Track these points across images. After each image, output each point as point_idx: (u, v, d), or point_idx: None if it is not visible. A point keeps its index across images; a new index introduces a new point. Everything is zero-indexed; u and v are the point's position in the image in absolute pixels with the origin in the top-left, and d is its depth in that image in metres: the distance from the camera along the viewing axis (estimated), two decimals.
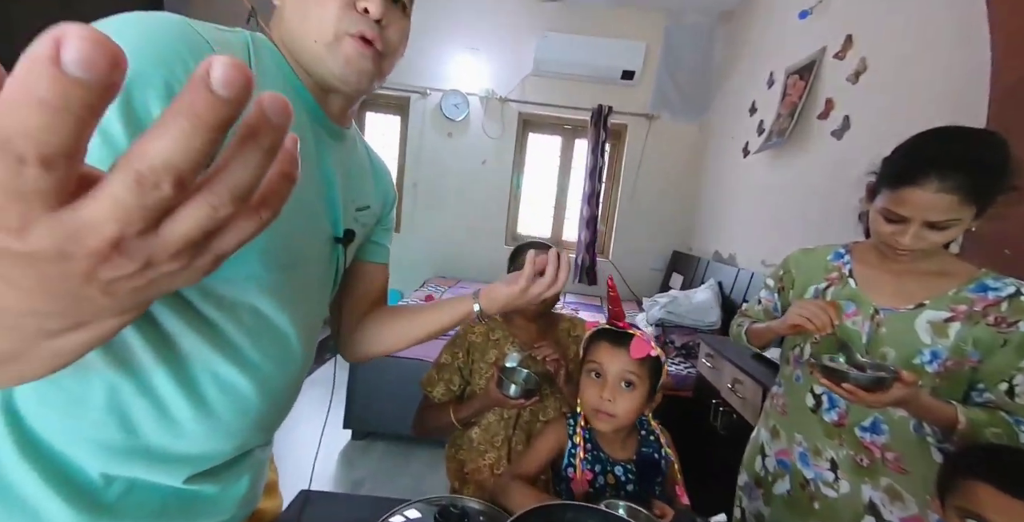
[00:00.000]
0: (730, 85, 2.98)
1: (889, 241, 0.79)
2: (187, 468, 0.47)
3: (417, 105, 3.34)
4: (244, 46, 0.45)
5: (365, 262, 0.70)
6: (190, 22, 0.41)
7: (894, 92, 1.55)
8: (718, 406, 1.65)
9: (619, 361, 0.77)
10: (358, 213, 0.61)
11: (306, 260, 0.53)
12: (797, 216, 2.06)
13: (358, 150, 0.63)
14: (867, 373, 0.71)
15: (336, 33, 0.47)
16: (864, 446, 0.83)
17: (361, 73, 0.49)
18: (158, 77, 0.36)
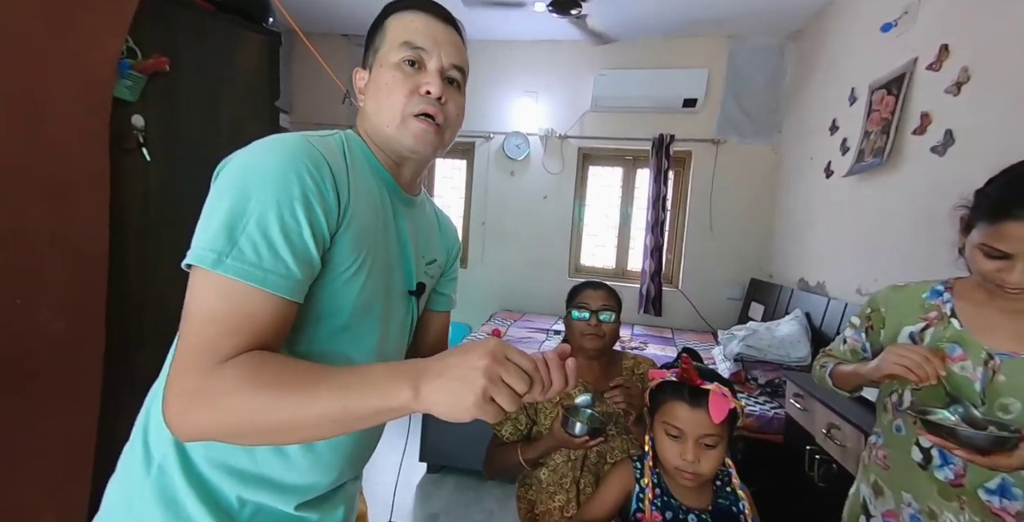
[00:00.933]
0: (804, 104, 2.83)
1: (995, 279, 0.71)
2: (296, 496, 0.56)
3: (481, 149, 3.58)
4: (340, 145, 0.57)
5: (429, 311, 0.77)
6: (308, 138, 0.52)
7: (1005, 100, 1.39)
8: (813, 454, 1.48)
9: (699, 423, 0.75)
10: (427, 267, 0.69)
11: (388, 311, 0.61)
12: (894, 240, 1.85)
13: (427, 211, 0.72)
14: (982, 431, 0.63)
15: (403, 115, 0.57)
16: (993, 512, 0.72)
17: (427, 144, 0.59)
18: (297, 190, 0.48)
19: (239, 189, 0.47)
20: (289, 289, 0.47)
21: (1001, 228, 0.69)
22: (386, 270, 0.59)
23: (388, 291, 0.60)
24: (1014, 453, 0.62)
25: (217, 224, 0.45)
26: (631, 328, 3.16)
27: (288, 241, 0.46)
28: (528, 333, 2.88)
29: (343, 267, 0.53)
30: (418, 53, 0.57)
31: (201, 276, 0.45)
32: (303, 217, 0.47)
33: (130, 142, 1.27)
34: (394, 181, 0.62)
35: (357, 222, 0.54)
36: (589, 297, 1.09)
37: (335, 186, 0.51)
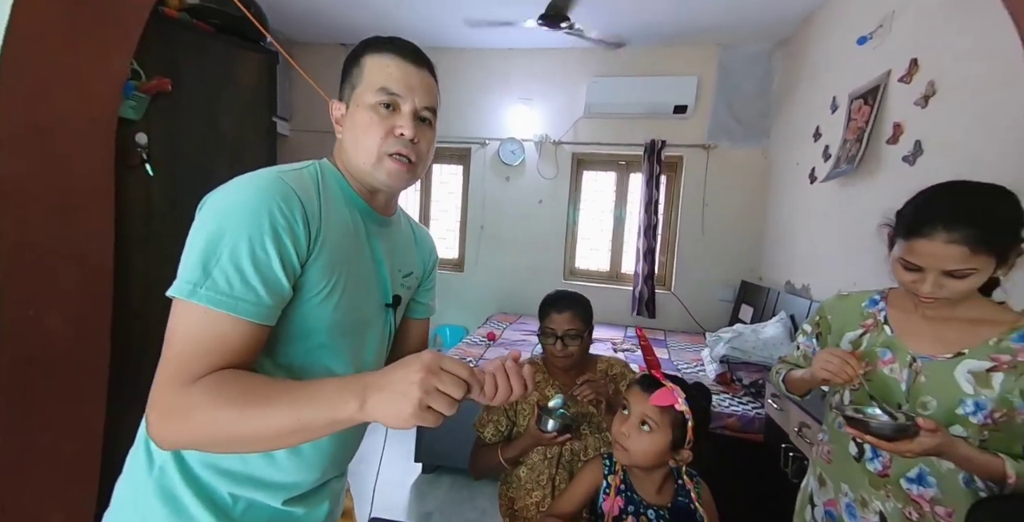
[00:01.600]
0: (791, 111, 2.88)
1: (911, 289, 0.78)
2: (283, 493, 0.62)
3: (477, 154, 3.65)
4: (314, 177, 0.62)
5: (409, 319, 0.83)
6: (281, 175, 0.57)
7: (968, 115, 1.45)
8: (788, 451, 1.54)
9: (642, 403, 0.83)
10: (404, 279, 0.75)
11: (365, 325, 0.67)
12: (871, 245, 1.91)
13: (402, 227, 0.78)
14: (888, 421, 0.70)
15: (379, 155, 0.62)
16: (912, 499, 0.79)
17: (400, 180, 0.64)
18: (267, 225, 0.53)
19: (215, 225, 0.52)
20: (259, 314, 0.52)
21: (913, 245, 0.75)
22: (360, 288, 0.64)
23: (363, 307, 0.66)
24: (915, 440, 0.68)
25: (194, 258, 0.51)
26: (624, 330, 3.22)
27: (258, 271, 0.52)
28: (523, 335, 2.95)
29: (315, 291, 0.58)
30: (393, 98, 0.62)
31: (180, 305, 0.51)
32: (272, 249, 0.52)
33: (134, 159, 1.35)
34: (368, 206, 0.67)
35: (329, 250, 0.59)
36: (554, 322, 1.13)
37: (305, 219, 0.56)
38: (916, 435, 0.68)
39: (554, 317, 1.14)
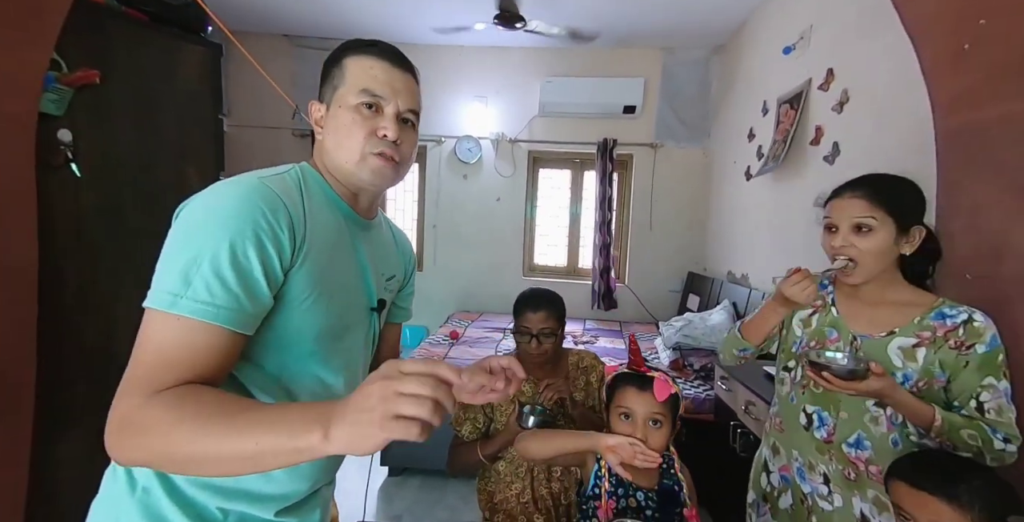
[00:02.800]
0: (728, 113, 3.11)
1: (829, 250, 0.92)
2: (275, 504, 0.61)
3: (433, 152, 3.61)
4: (297, 181, 0.61)
5: (387, 323, 0.82)
6: (264, 181, 0.56)
7: (876, 121, 1.65)
8: (736, 428, 1.69)
9: (646, 404, 0.86)
10: (387, 282, 0.75)
11: (352, 330, 0.66)
12: (799, 236, 2.12)
13: (383, 230, 0.77)
14: (845, 364, 0.81)
15: (362, 154, 0.61)
16: (851, 461, 0.90)
17: (385, 178, 0.64)
18: (250, 230, 0.51)
19: (195, 233, 0.50)
20: (239, 322, 0.50)
21: (830, 206, 0.91)
22: (346, 294, 0.64)
23: (350, 312, 0.65)
24: (864, 381, 0.78)
25: (173, 267, 0.49)
26: (583, 323, 3.34)
27: (240, 279, 0.50)
28: (485, 333, 2.98)
29: (301, 299, 0.57)
30: (376, 100, 0.61)
31: (155, 315, 0.49)
32: (255, 257, 0.51)
33: (57, 158, 1.22)
34: (351, 209, 0.66)
35: (314, 257, 0.58)
36: (530, 321, 1.16)
37: (291, 225, 0.55)
38: (866, 377, 0.78)
39: (529, 316, 1.17)
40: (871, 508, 0.88)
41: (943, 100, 1.04)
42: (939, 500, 0.63)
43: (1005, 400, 0.81)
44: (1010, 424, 0.80)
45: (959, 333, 0.84)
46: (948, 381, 0.85)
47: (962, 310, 0.85)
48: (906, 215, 0.86)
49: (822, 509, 0.93)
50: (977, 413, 0.81)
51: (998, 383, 0.81)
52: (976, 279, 0.95)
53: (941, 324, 0.85)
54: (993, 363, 0.82)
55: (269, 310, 0.55)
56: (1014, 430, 0.80)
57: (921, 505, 0.65)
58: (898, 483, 0.68)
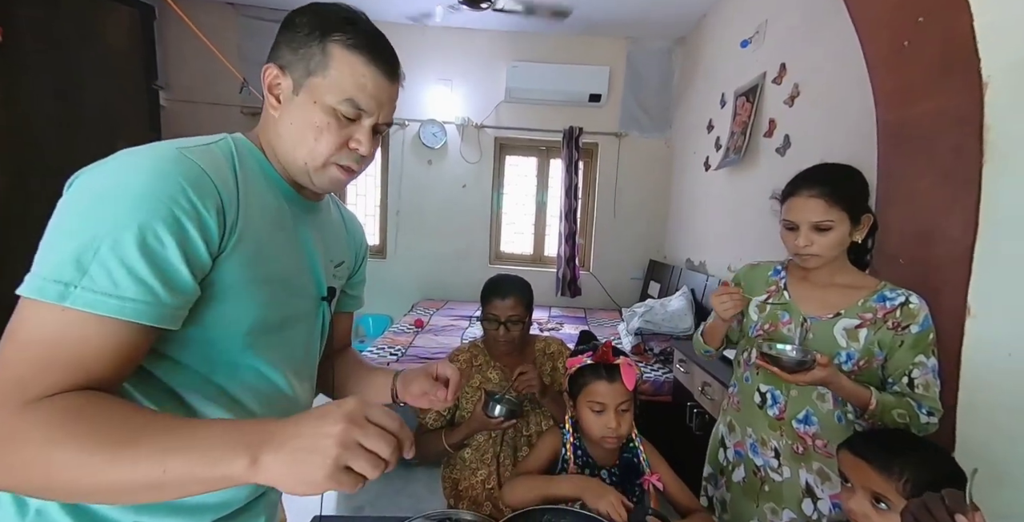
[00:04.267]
0: (689, 104, 3.19)
1: (792, 248, 0.95)
2: (210, 514, 0.53)
3: (396, 136, 3.48)
4: (229, 155, 0.53)
5: (337, 312, 0.76)
6: (184, 152, 0.47)
7: (824, 114, 1.73)
8: (692, 409, 1.77)
9: (616, 395, 0.88)
10: (336, 269, 0.69)
11: (295, 321, 0.60)
12: (752, 225, 2.23)
13: (331, 213, 0.71)
14: (793, 356, 0.86)
15: (326, 162, 0.56)
16: (799, 436, 0.97)
17: (340, 187, 0.60)
18: (165, 211, 0.43)
19: (93, 209, 0.42)
20: (157, 316, 0.43)
21: (788, 205, 0.94)
22: (289, 281, 0.58)
23: (294, 302, 0.59)
24: (809, 372, 0.84)
25: (63, 249, 0.41)
26: (548, 310, 3.38)
27: (153, 265, 0.42)
28: (451, 321, 2.95)
29: (234, 289, 0.50)
30: (359, 113, 0.55)
31: (30, 305, 0.40)
32: (170, 239, 0.43)
33: None
34: (294, 191, 0.60)
35: (249, 241, 0.51)
36: (497, 308, 1.15)
37: (219, 206, 0.47)
38: (813, 368, 0.84)
39: (497, 304, 1.16)
40: (815, 479, 0.95)
41: (884, 94, 1.11)
42: (873, 468, 0.69)
43: (932, 376, 0.88)
44: (934, 398, 0.88)
45: (896, 314, 0.90)
46: (885, 359, 0.91)
47: (900, 293, 0.92)
48: (858, 207, 0.92)
49: (772, 480, 0.99)
50: (908, 388, 0.89)
51: (927, 360, 0.89)
52: (908, 264, 1.03)
53: (882, 306, 0.92)
54: (924, 342, 0.89)
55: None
56: (937, 403, 0.88)
57: (859, 471, 0.71)
58: (845, 452, 0.74)
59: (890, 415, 0.86)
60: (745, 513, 1.03)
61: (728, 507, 1.07)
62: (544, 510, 0.81)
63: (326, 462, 0.35)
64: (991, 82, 0.86)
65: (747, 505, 1.03)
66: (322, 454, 0.36)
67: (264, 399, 0.57)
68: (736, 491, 1.06)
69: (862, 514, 0.69)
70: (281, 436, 0.37)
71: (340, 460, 0.36)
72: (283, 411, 0.58)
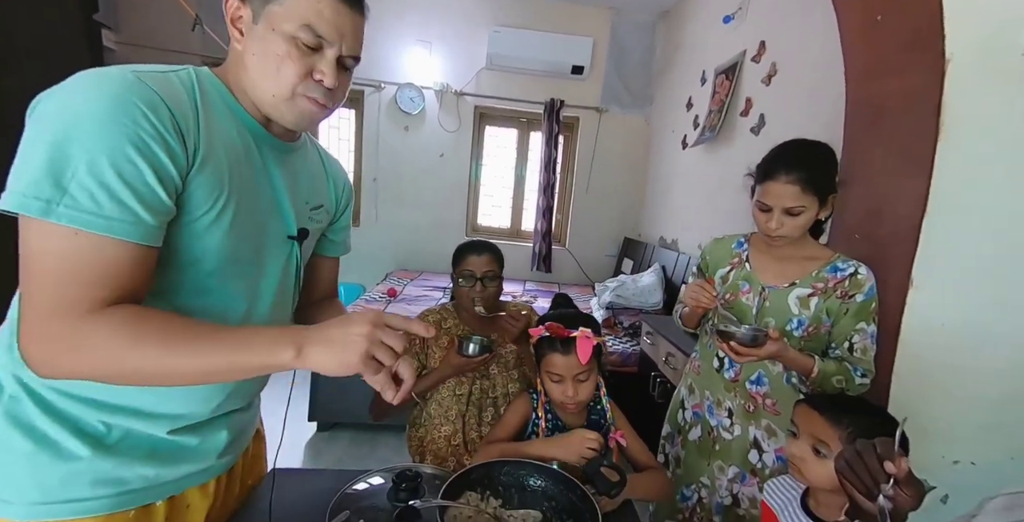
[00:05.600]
0: (670, 81, 3.17)
1: (764, 229, 0.98)
2: (167, 423, 0.59)
3: (371, 98, 3.34)
4: (189, 85, 0.53)
5: (319, 256, 0.79)
6: (139, 76, 0.48)
7: (799, 94, 1.75)
8: (656, 378, 1.85)
9: (571, 367, 0.91)
10: (312, 212, 0.70)
11: (263, 256, 0.62)
12: (725, 204, 2.28)
13: (310, 156, 0.71)
14: (747, 333, 0.91)
15: (293, 93, 0.55)
16: (751, 396, 1.03)
17: (312, 123, 0.60)
18: (130, 134, 0.45)
19: (60, 133, 0.43)
20: (144, 235, 0.47)
21: (765, 187, 0.95)
22: (256, 215, 0.59)
23: (260, 236, 0.61)
24: (763, 347, 0.89)
25: (38, 170, 0.43)
26: (523, 284, 3.41)
27: (130, 187, 0.45)
28: (424, 291, 2.94)
29: (202, 210, 0.52)
30: (318, 41, 0.54)
31: (35, 226, 0.44)
32: (142, 161, 0.46)
33: None
34: (263, 129, 0.60)
35: (213, 164, 0.52)
36: (473, 264, 1.15)
37: (178, 130, 0.49)
38: (765, 343, 0.89)
39: (473, 260, 1.16)
40: (763, 434, 1.02)
41: (855, 71, 1.12)
42: (824, 417, 0.75)
43: (870, 341, 0.95)
44: (869, 362, 0.95)
45: (845, 284, 0.96)
46: (831, 325, 0.97)
47: (851, 264, 0.97)
48: (828, 190, 0.95)
49: (724, 439, 1.06)
50: (848, 352, 0.95)
51: (867, 327, 0.95)
52: (863, 239, 1.08)
53: (833, 276, 0.97)
54: (867, 310, 0.95)
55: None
56: (871, 366, 0.95)
57: (809, 420, 0.76)
58: (802, 404, 0.80)
59: (829, 382, 0.93)
60: (696, 469, 1.11)
61: (681, 463, 1.15)
62: (504, 463, 0.84)
63: (359, 350, 0.47)
64: (953, 61, 0.88)
65: (699, 462, 1.10)
66: (355, 347, 0.47)
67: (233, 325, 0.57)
68: (690, 449, 1.13)
69: (800, 457, 0.75)
70: (319, 336, 0.48)
71: (369, 351, 0.47)
72: None
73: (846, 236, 1.13)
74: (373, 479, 0.83)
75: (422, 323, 0.52)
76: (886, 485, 0.51)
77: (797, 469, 0.75)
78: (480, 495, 0.77)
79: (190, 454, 0.62)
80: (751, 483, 1.03)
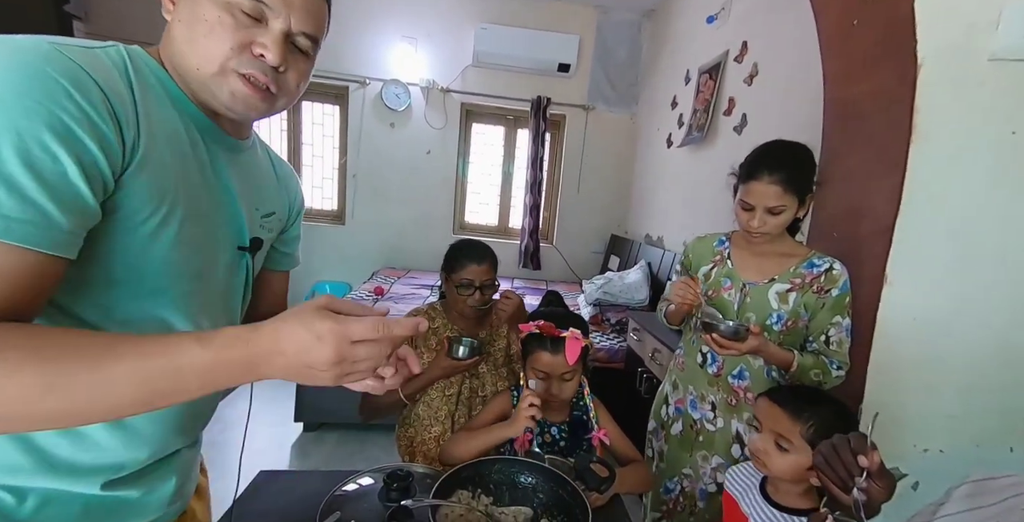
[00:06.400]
0: (655, 80, 3.20)
1: (745, 227, 1.01)
2: (100, 477, 0.48)
3: (356, 95, 3.29)
4: (121, 63, 0.44)
5: (267, 271, 0.70)
6: (60, 49, 0.39)
7: (780, 94, 1.79)
8: (642, 374, 1.88)
9: (558, 366, 0.92)
10: (264, 220, 0.62)
11: (212, 270, 0.53)
12: (709, 202, 2.32)
13: (259, 158, 0.63)
14: (730, 326, 0.94)
15: (223, 67, 0.46)
16: (733, 390, 1.06)
17: (249, 108, 0.49)
18: (47, 116, 0.36)
19: None
20: (50, 241, 0.37)
21: (748, 187, 0.98)
22: (205, 223, 0.51)
23: (211, 247, 0.53)
24: (745, 341, 0.92)
25: None
26: (511, 282, 3.41)
27: (40, 180, 0.36)
28: (412, 289, 2.92)
29: (142, 216, 0.43)
30: (259, 7, 0.46)
31: None
32: (62, 150, 0.37)
33: None
34: (210, 121, 0.51)
35: (156, 161, 0.44)
36: (473, 273, 1.13)
37: (113, 116, 0.40)
38: (747, 338, 0.91)
39: (473, 268, 1.14)
40: (744, 427, 1.05)
41: (832, 73, 1.15)
42: (785, 412, 0.77)
43: (845, 334, 0.99)
44: (844, 354, 0.99)
45: (821, 279, 0.99)
46: (809, 320, 1.00)
47: (826, 260, 1.00)
48: (806, 190, 0.98)
49: (707, 431, 1.09)
50: (824, 346, 0.98)
51: (843, 320, 0.99)
52: (840, 238, 1.11)
53: (810, 272, 1.00)
54: (841, 304, 0.99)
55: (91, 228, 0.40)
56: (846, 358, 0.99)
57: (771, 415, 0.79)
58: (763, 399, 0.83)
59: (807, 375, 0.97)
60: (678, 461, 1.13)
61: (665, 457, 1.17)
62: (495, 460, 0.84)
63: (326, 376, 0.40)
64: (925, 64, 0.91)
65: (681, 455, 1.13)
66: (322, 379, 0.40)
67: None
68: (673, 443, 1.15)
69: (763, 451, 0.77)
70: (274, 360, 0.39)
71: (340, 381, 0.41)
72: None
73: (825, 235, 1.16)
74: (363, 480, 0.83)
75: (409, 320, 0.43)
76: (860, 478, 0.53)
77: (761, 462, 0.78)
78: (472, 493, 0.78)
79: (132, 509, 0.52)
80: None
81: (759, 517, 0.77)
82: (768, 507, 0.77)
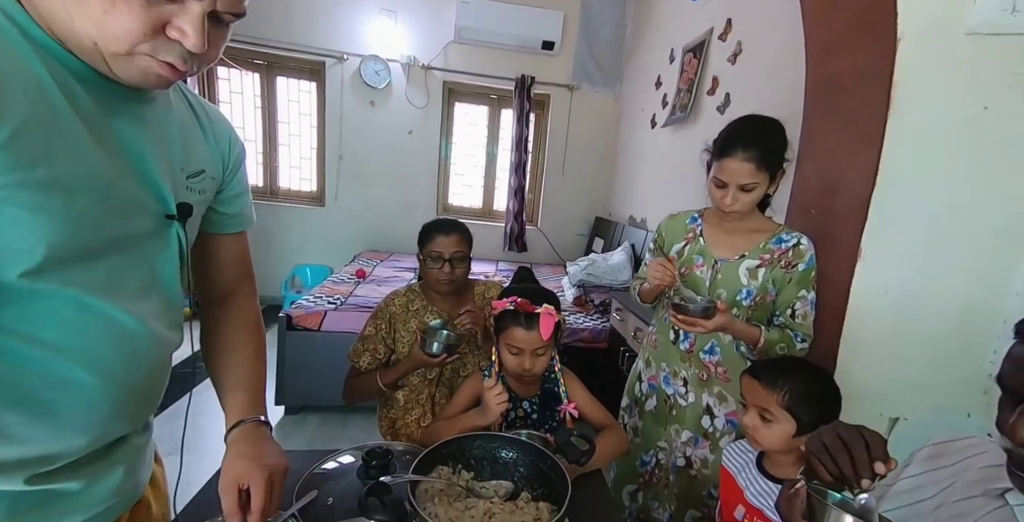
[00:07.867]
0: (639, 59, 3.15)
1: (718, 204, 1.01)
2: (24, 471, 0.44)
3: (334, 70, 3.17)
4: None
5: (215, 236, 0.63)
6: None
7: (763, 73, 1.78)
8: (624, 352, 1.91)
9: (532, 341, 0.92)
10: (191, 181, 0.54)
11: (126, 244, 0.47)
12: (692, 182, 2.32)
13: (175, 109, 0.53)
14: (699, 305, 0.95)
15: (131, 51, 0.39)
16: (704, 365, 1.08)
17: (161, 86, 0.44)
18: None
19: None
20: None
21: (721, 163, 0.98)
22: (105, 192, 0.43)
23: (119, 220, 0.45)
24: (712, 318, 0.94)
25: None
26: (495, 264, 3.41)
27: None
28: (395, 272, 2.90)
29: (7, 191, 0.37)
30: None
31: None
32: None
33: None
34: (89, 68, 0.41)
35: (13, 122, 0.36)
36: (441, 244, 1.12)
37: None
38: (715, 315, 0.93)
39: (441, 240, 1.13)
40: (714, 400, 1.08)
41: (814, 49, 1.15)
42: (761, 384, 0.80)
43: (810, 307, 1.02)
44: (808, 326, 1.02)
45: (789, 255, 1.01)
46: (776, 294, 1.02)
47: (794, 235, 1.02)
48: (777, 167, 0.98)
49: (679, 405, 1.12)
50: (790, 319, 1.01)
51: (808, 294, 1.01)
52: (818, 214, 1.12)
53: (778, 248, 1.02)
54: (807, 278, 1.01)
55: None
56: (809, 330, 1.02)
57: (752, 390, 0.82)
58: (745, 376, 0.86)
59: (773, 349, 0.99)
60: (654, 435, 1.16)
61: (640, 432, 1.20)
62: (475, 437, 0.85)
63: None
64: (904, 38, 0.91)
65: (656, 429, 1.16)
66: None
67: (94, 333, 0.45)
68: (647, 419, 1.18)
69: (752, 427, 0.80)
70: None
71: None
72: (119, 345, 0.47)
73: (803, 211, 1.18)
74: (343, 458, 0.83)
75: None
76: (868, 480, 0.48)
77: (752, 438, 0.81)
78: (452, 469, 0.78)
79: (72, 502, 0.48)
80: (703, 446, 1.09)
81: (754, 489, 0.81)
82: (763, 479, 0.81)
